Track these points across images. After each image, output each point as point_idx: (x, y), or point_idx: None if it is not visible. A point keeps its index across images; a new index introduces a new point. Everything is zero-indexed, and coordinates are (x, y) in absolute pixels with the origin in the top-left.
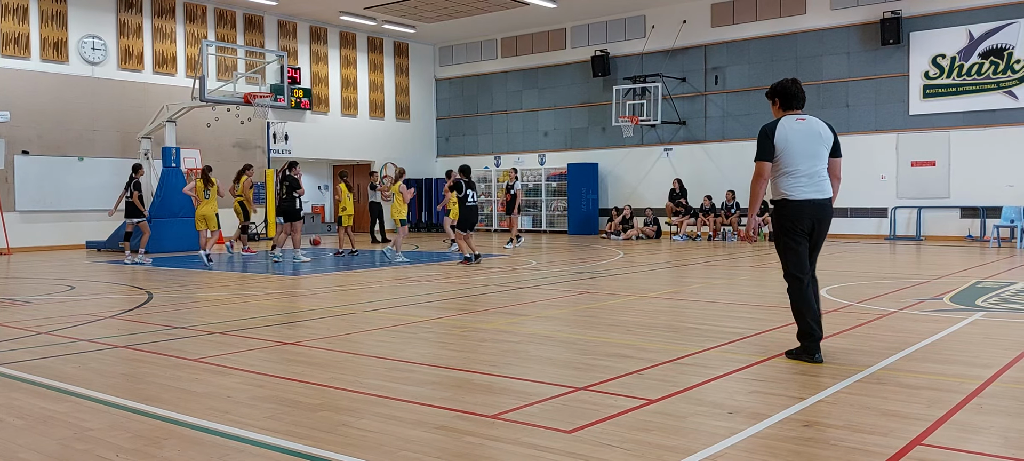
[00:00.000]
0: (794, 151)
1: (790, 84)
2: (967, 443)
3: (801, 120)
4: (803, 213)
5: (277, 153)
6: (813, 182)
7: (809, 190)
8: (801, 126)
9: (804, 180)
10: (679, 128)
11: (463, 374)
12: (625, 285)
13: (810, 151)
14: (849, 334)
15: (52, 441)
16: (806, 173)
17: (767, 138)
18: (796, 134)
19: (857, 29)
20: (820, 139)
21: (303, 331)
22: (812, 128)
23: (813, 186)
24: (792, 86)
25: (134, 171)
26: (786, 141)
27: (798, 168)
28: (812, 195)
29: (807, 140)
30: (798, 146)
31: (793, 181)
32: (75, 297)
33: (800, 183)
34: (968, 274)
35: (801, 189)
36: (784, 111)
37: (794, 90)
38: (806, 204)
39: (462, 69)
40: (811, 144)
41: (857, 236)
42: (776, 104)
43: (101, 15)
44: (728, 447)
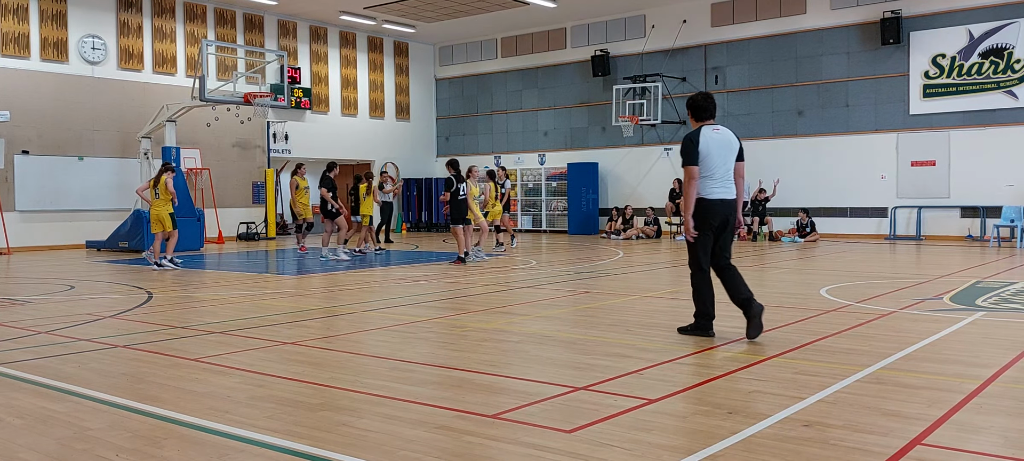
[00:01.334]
0: (713, 157)
1: (701, 99)
2: (967, 443)
3: (717, 130)
4: (717, 211)
5: (277, 153)
6: (725, 184)
7: (721, 191)
8: (717, 135)
9: (719, 183)
10: (679, 128)
11: (463, 374)
12: (625, 285)
13: (725, 157)
14: (849, 334)
15: (52, 441)
16: (721, 177)
17: (693, 145)
18: (714, 143)
19: (857, 29)
20: (731, 147)
21: (303, 331)
22: (725, 137)
23: (725, 188)
24: (703, 101)
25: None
26: (707, 149)
27: (715, 172)
28: (724, 195)
29: (722, 147)
30: (716, 153)
31: (711, 183)
32: (75, 297)
33: (716, 186)
34: (968, 274)
35: (716, 190)
36: (699, 122)
37: (705, 104)
38: (719, 203)
39: (462, 69)
40: (725, 151)
41: (857, 236)
42: (692, 116)
43: (101, 15)
44: (728, 447)
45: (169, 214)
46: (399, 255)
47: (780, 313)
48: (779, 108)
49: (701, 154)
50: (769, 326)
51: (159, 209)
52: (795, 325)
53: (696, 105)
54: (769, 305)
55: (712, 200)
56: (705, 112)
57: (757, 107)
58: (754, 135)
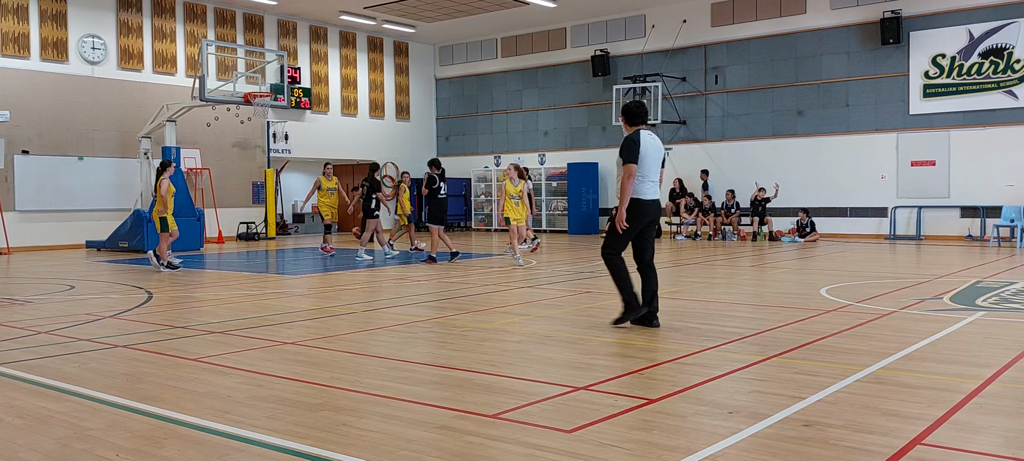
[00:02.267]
0: (649, 160)
1: (635, 106)
2: (967, 443)
3: (651, 135)
4: (648, 210)
5: (277, 153)
6: (655, 186)
7: (652, 192)
8: (652, 140)
9: (651, 184)
10: (679, 128)
11: (463, 374)
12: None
13: (656, 161)
14: (849, 334)
15: (51, 441)
16: (653, 178)
17: (636, 145)
18: (650, 146)
19: (857, 29)
20: (660, 151)
21: (303, 331)
22: (657, 142)
23: (655, 189)
24: (637, 108)
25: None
26: (645, 151)
27: (649, 175)
28: (655, 196)
29: (656, 152)
30: (651, 156)
31: (646, 184)
32: (75, 297)
33: (648, 187)
34: (968, 274)
35: (648, 191)
36: (633, 127)
37: (639, 111)
38: (650, 203)
39: (462, 69)
40: (657, 156)
41: (857, 236)
42: (626, 122)
43: (101, 14)
44: (728, 447)
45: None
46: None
47: (780, 313)
48: (779, 108)
49: (641, 156)
50: (769, 326)
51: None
52: (795, 325)
53: (631, 112)
54: (769, 305)
55: (645, 200)
56: (638, 118)
57: (757, 107)
58: (754, 135)
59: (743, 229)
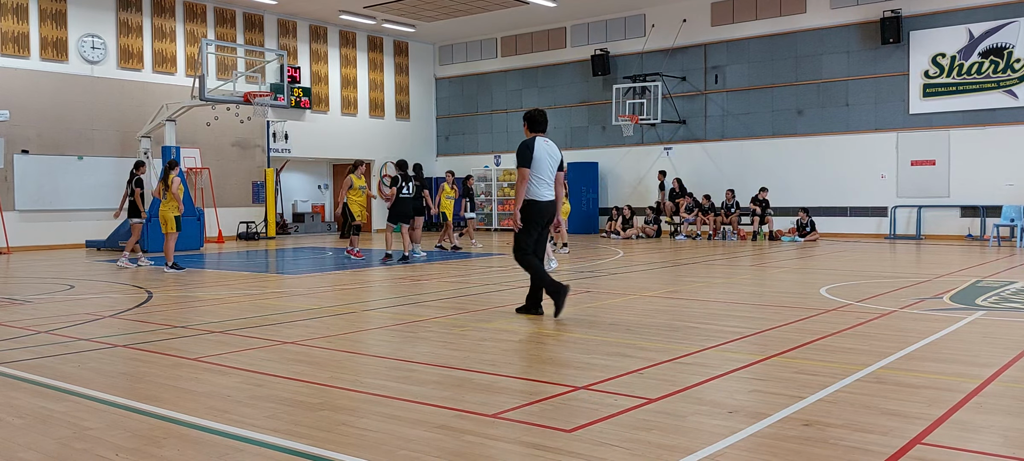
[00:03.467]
0: (543, 164)
1: (537, 114)
2: (967, 442)
3: (547, 142)
4: (545, 210)
5: (277, 152)
6: (550, 188)
7: (548, 194)
8: (546, 146)
9: (546, 187)
10: (679, 127)
11: (463, 373)
12: (625, 284)
13: (551, 165)
14: (849, 333)
15: (51, 440)
16: (548, 181)
17: (529, 151)
18: (544, 152)
19: (857, 28)
20: (556, 157)
21: (303, 330)
22: (552, 148)
23: (550, 191)
24: (538, 115)
25: (136, 168)
26: (540, 156)
27: (544, 177)
28: (550, 197)
29: (550, 157)
30: (546, 161)
31: (541, 187)
32: (74, 296)
33: (544, 189)
34: (968, 273)
35: (544, 193)
36: (533, 133)
37: (540, 118)
38: (546, 204)
39: (462, 68)
40: (552, 160)
41: (857, 235)
42: (527, 127)
43: (101, 14)
44: (728, 446)
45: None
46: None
47: (780, 312)
48: (779, 107)
49: (534, 160)
50: (769, 325)
51: (165, 209)
52: (795, 324)
53: (532, 119)
54: (769, 305)
55: (541, 201)
56: (539, 125)
57: (757, 106)
58: (754, 134)
59: (743, 229)
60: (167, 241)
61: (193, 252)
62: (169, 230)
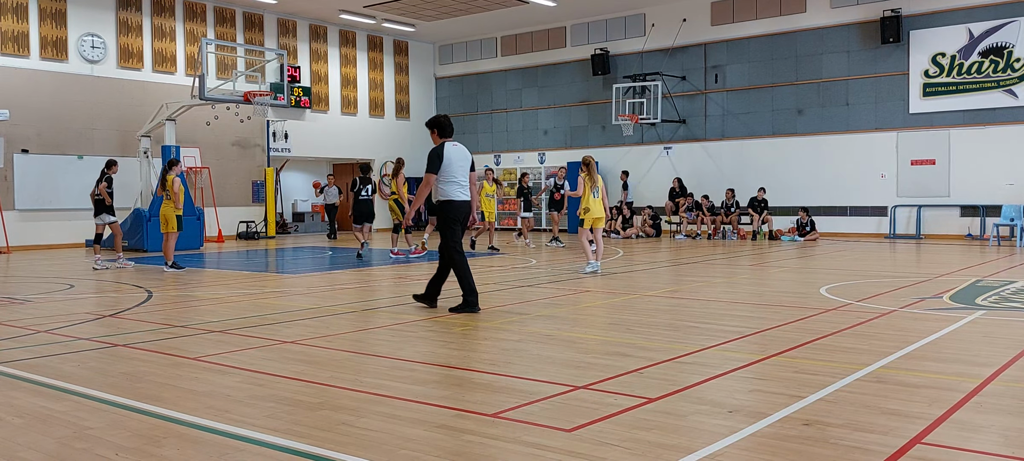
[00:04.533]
0: (455, 167)
1: (444, 120)
2: (967, 442)
3: (455, 146)
4: (461, 209)
5: (277, 152)
6: (464, 189)
7: (463, 194)
8: (456, 150)
9: (461, 188)
10: (679, 127)
11: (463, 373)
12: (625, 284)
13: (463, 167)
14: (849, 333)
15: (51, 440)
16: (461, 183)
17: (438, 157)
18: (455, 155)
19: (857, 27)
20: (467, 159)
21: (303, 330)
22: (462, 151)
23: (464, 191)
24: (446, 121)
25: (107, 167)
26: (450, 160)
27: (457, 179)
28: (465, 197)
29: (461, 159)
30: (457, 163)
31: (455, 188)
32: (74, 295)
33: (459, 190)
34: (968, 273)
35: (460, 193)
36: (442, 138)
37: (448, 124)
38: (462, 203)
39: (462, 67)
40: (463, 162)
41: (857, 235)
42: (435, 133)
43: (100, 13)
44: (728, 446)
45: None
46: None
47: (780, 312)
48: (779, 107)
49: (445, 164)
50: (769, 325)
51: (165, 209)
52: (795, 324)
53: (441, 125)
54: (769, 304)
55: (458, 201)
56: (447, 131)
57: (757, 106)
58: (754, 134)
59: (743, 228)
60: (167, 240)
61: (193, 252)
62: (170, 230)
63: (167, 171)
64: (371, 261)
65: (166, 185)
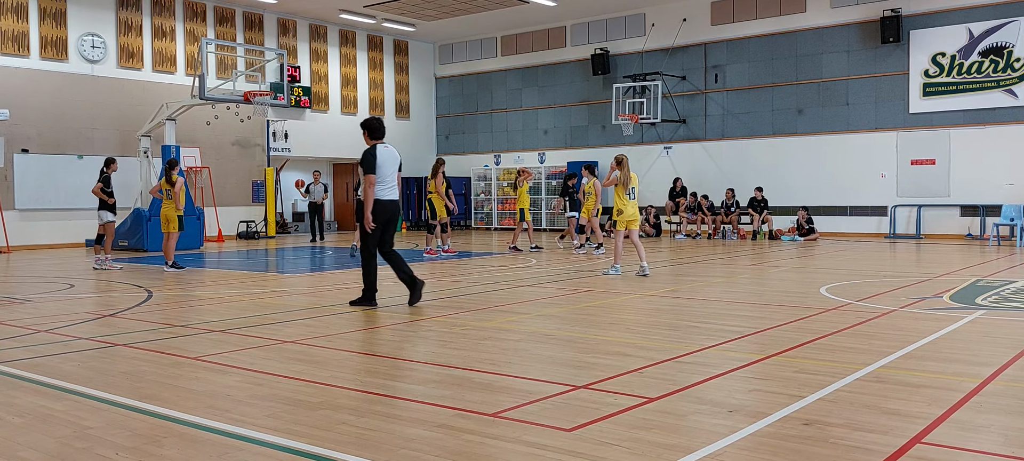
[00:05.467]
0: (385, 168)
1: (376, 122)
2: (967, 441)
3: (387, 148)
4: (387, 209)
5: (277, 151)
6: (393, 189)
7: (390, 194)
8: (388, 151)
9: (389, 188)
10: (679, 126)
11: (463, 372)
12: (625, 283)
13: (393, 169)
14: (849, 332)
15: (51, 439)
16: (390, 184)
17: (372, 158)
18: (387, 157)
19: (857, 27)
20: (396, 160)
21: (303, 329)
22: (393, 153)
23: (393, 191)
24: (377, 123)
25: (106, 165)
26: (383, 161)
27: (387, 180)
28: (392, 197)
29: (392, 161)
30: (388, 165)
31: (384, 188)
32: (74, 295)
33: (386, 190)
34: (968, 272)
35: (386, 194)
36: (374, 140)
37: (379, 126)
38: (388, 203)
39: (462, 67)
40: (393, 164)
41: (857, 234)
42: (366, 134)
43: (101, 13)
44: (728, 445)
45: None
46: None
47: (780, 312)
48: (779, 107)
49: (378, 166)
50: (769, 324)
51: (167, 209)
52: (795, 324)
53: (372, 127)
54: (769, 304)
55: (384, 201)
56: (378, 133)
57: (757, 106)
58: (754, 133)
59: (743, 228)
60: (167, 240)
61: (193, 251)
62: (171, 229)
63: (169, 171)
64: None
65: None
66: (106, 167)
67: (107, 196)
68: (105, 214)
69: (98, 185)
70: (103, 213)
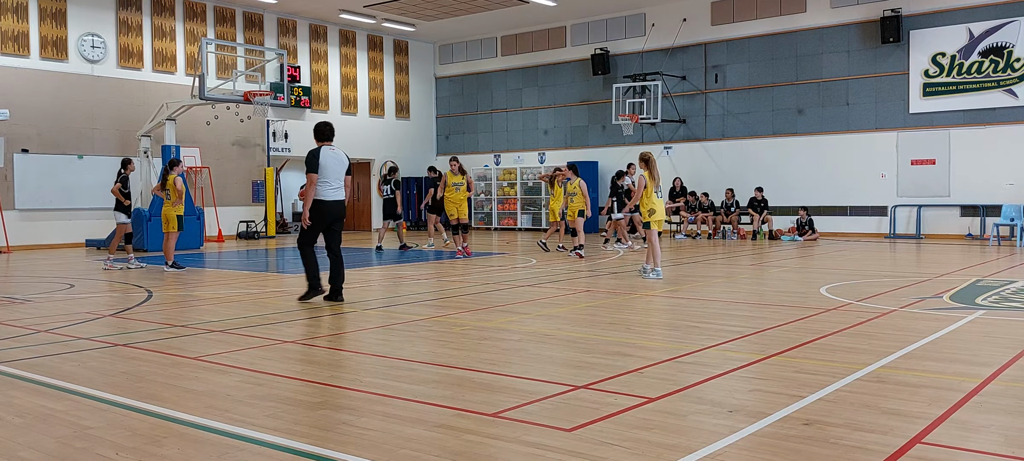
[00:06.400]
0: (330, 169)
1: (321, 125)
2: (967, 441)
3: (333, 150)
4: (330, 210)
5: (277, 151)
6: (338, 190)
7: (334, 195)
8: (333, 154)
9: (333, 189)
10: (679, 126)
11: (463, 372)
12: (625, 283)
13: (338, 170)
14: (849, 332)
15: (51, 439)
16: (335, 185)
17: (315, 158)
18: (331, 159)
19: (857, 27)
20: (343, 163)
21: (303, 329)
22: (340, 156)
23: (337, 192)
24: (325, 127)
25: (123, 166)
26: (326, 162)
27: (331, 181)
28: (336, 198)
29: (337, 164)
30: (332, 166)
31: (327, 189)
32: (74, 295)
33: (331, 191)
34: (968, 272)
35: (330, 194)
36: (320, 142)
37: (326, 130)
38: (331, 203)
39: (462, 67)
40: (339, 166)
41: (857, 234)
42: (316, 138)
43: (101, 13)
44: (728, 445)
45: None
46: (400, 253)
47: (780, 311)
48: (779, 106)
49: (321, 166)
50: (769, 324)
51: (167, 208)
52: (795, 324)
53: (319, 130)
54: (769, 304)
55: (327, 201)
56: (324, 136)
57: (757, 105)
58: (754, 133)
59: (743, 228)
60: (167, 240)
61: (193, 251)
62: (171, 229)
63: (168, 171)
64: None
65: (167, 185)
66: (123, 168)
67: (124, 198)
68: (119, 215)
69: (116, 186)
70: (117, 214)
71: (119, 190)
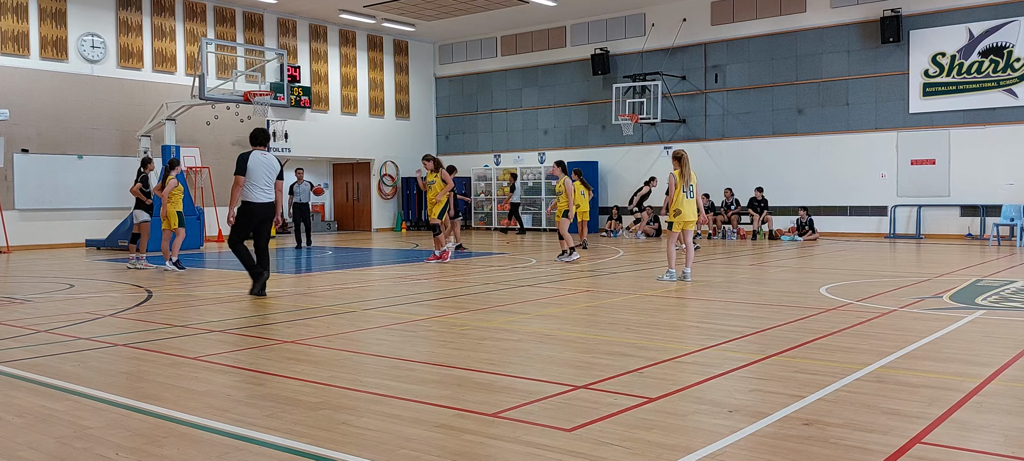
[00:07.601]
0: (258, 173)
1: (255, 131)
2: (967, 441)
3: (264, 154)
4: (258, 211)
5: (277, 151)
6: (265, 192)
7: (263, 197)
8: (263, 157)
9: (261, 191)
10: (679, 126)
11: (463, 372)
12: (625, 283)
13: (267, 174)
14: (849, 332)
15: (51, 439)
16: (263, 187)
17: (244, 161)
18: (260, 163)
19: (857, 27)
20: (273, 168)
21: (303, 329)
22: (270, 160)
23: (266, 194)
24: (259, 133)
25: (143, 165)
26: (254, 165)
27: (259, 184)
28: (264, 200)
29: (266, 167)
30: (261, 170)
31: (255, 192)
32: (74, 295)
33: (259, 193)
34: (968, 272)
35: (259, 196)
36: (254, 146)
37: (256, 134)
38: (259, 205)
39: (462, 67)
40: (268, 170)
41: (857, 234)
42: (251, 142)
43: (101, 13)
44: (728, 445)
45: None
46: (399, 253)
47: (780, 311)
48: (779, 106)
49: (249, 169)
50: (769, 325)
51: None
52: (795, 324)
53: (254, 136)
54: (769, 304)
55: (255, 203)
56: (257, 141)
57: (757, 106)
58: (754, 133)
59: (743, 228)
60: (166, 239)
61: (193, 251)
62: (171, 227)
63: (168, 171)
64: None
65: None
66: (143, 167)
67: (145, 196)
68: (140, 213)
69: (136, 185)
70: (139, 212)
71: (140, 190)
